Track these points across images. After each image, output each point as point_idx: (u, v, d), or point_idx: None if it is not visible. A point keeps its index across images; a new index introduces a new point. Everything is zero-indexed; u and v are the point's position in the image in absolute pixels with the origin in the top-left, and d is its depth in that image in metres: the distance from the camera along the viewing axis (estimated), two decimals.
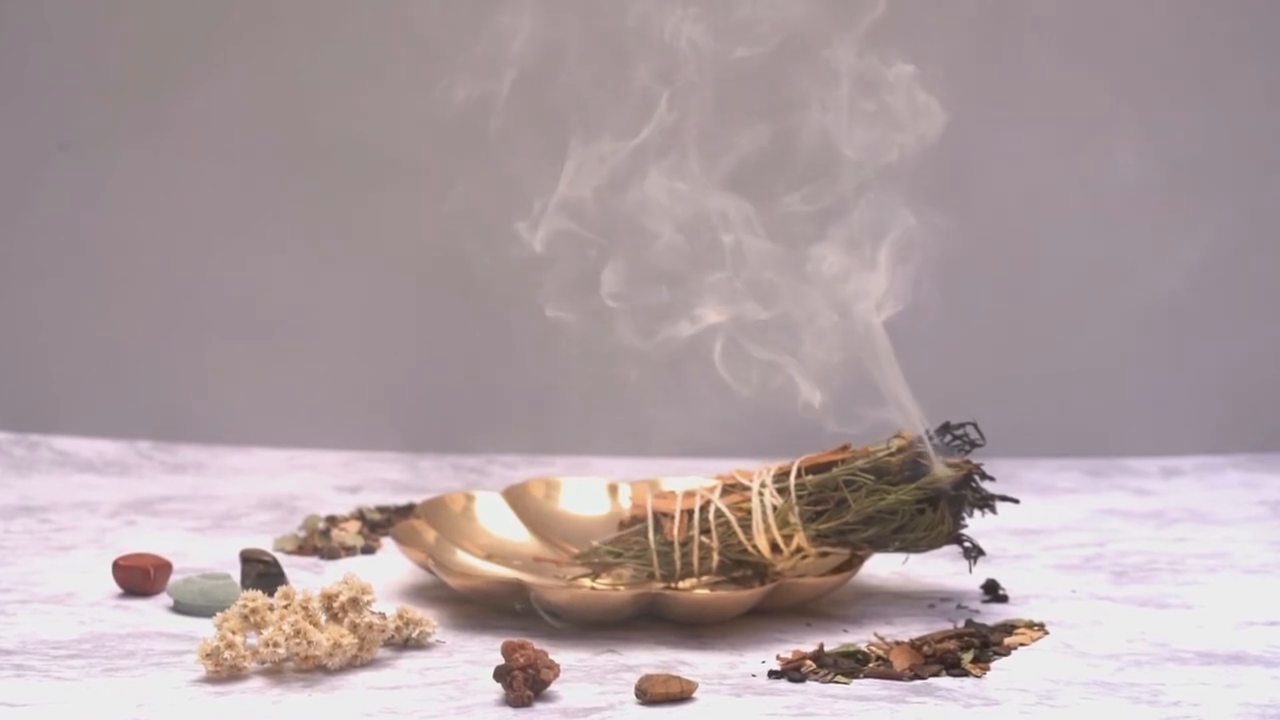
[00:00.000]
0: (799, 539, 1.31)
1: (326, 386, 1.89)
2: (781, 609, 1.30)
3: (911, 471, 1.31)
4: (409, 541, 1.35)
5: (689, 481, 1.44)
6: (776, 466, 1.34)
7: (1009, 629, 1.27)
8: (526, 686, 1.12)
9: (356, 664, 1.19)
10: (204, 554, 1.47)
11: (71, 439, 1.84)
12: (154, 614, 1.31)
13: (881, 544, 1.32)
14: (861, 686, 1.16)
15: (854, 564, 1.32)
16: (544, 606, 1.25)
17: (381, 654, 1.22)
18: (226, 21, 1.85)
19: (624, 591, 1.29)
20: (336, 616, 1.20)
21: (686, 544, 1.32)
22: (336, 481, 1.76)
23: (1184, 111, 1.86)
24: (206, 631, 1.21)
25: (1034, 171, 1.86)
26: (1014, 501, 1.35)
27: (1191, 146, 1.86)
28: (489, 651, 1.21)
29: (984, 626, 1.27)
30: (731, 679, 1.17)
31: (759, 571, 1.33)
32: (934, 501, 1.31)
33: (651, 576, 1.33)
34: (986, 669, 1.19)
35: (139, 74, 1.86)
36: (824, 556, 1.33)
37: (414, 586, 1.37)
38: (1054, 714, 1.10)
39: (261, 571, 1.35)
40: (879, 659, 1.20)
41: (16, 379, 1.88)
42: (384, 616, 1.21)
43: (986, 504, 1.32)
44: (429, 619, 1.25)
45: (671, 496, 1.35)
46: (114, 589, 1.36)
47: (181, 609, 1.31)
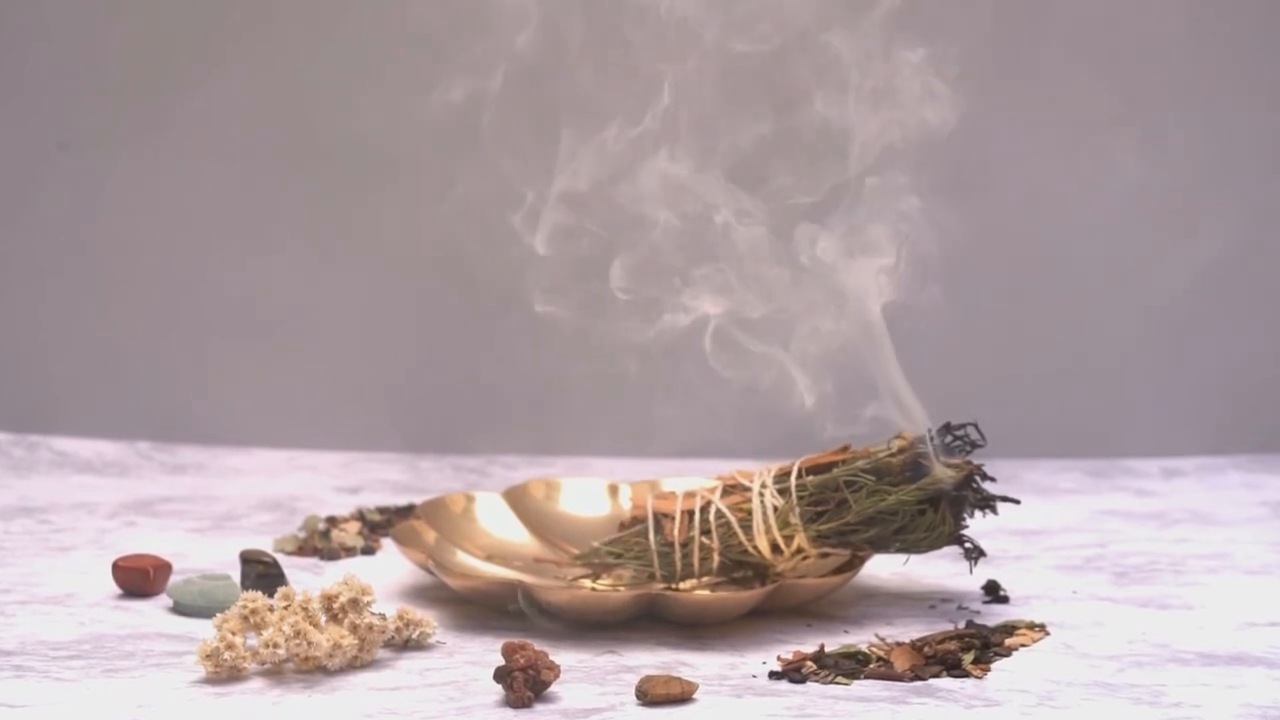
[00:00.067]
0: (799, 540, 1.31)
1: (326, 386, 1.89)
2: (782, 610, 1.30)
3: (912, 472, 1.31)
4: (409, 542, 1.35)
5: (689, 482, 1.44)
6: (777, 467, 1.34)
7: (1010, 630, 1.27)
8: (527, 687, 1.11)
9: (356, 665, 1.19)
10: (204, 555, 1.47)
11: (71, 439, 1.84)
12: (154, 615, 1.31)
13: (882, 545, 1.31)
14: (862, 687, 1.16)
15: (855, 565, 1.32)
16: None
17: (381, 655, 1.22)
18: (226, 21, 1.85)
19: (624, 592, 1.28)
20: (336, 617, 1.20)
21: (687, 545, 1.32)
22: (336, 482, 1.76)
23: (1185, 112, 1.86)
24: (206, 632, 1.21)
25: (1035, 172, 1.86)
26: (1015, 502, 1.35)
27: (1192, 147, 1.86)
28: (489, 652, 1.21)
29: (985, 627, 1.27)
30: (732, 680, 1.17)
31: (759, 572, 1.33)
32: (935, 502, 1.30)
33: (652, 577, 1.33)
34: (987, 670, 1.19)
35: (139, 74, 1.86)
36: (825, 557, 1.33)
37: (414, 587, 1.37)
38: (1055, 715, 1.10)
39: (261, 572, 1.35)
40: (880, 660, 1.19)
41: (16, 379, 1.88)
42: (384, 617, 1.21)
43: (987, 505, 1.32)
44: (429, 620, 1.25)
45: (672, 497, 1.35)
46: (114, 590, 1.36)
47: (181, 610, 1.31)
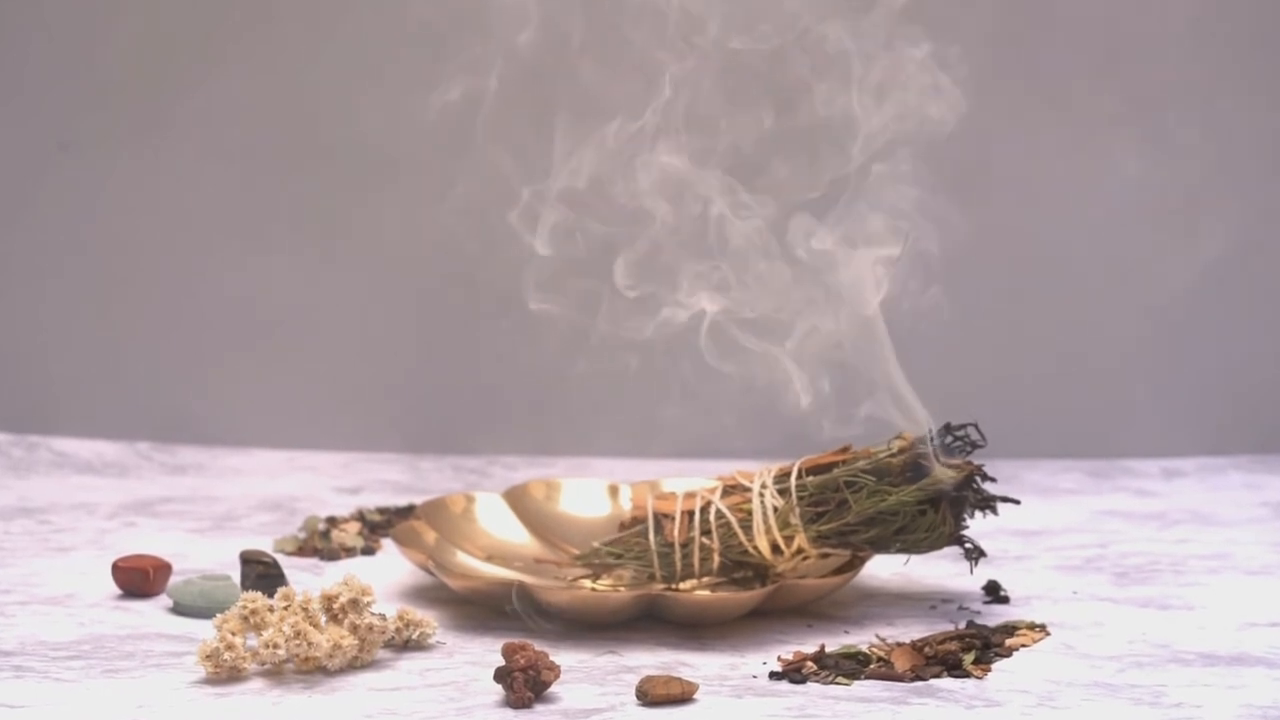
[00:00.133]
0: (800, 540, 1.31)
1: (326, 387, 1.89)
2: (782, 610, 1.30)
3: (913, 472, 1.30)
4: (409, 543, 1.35)
5: (690, 482, 1.44)
6: (777, 467, 1.34)
7: (1010, 630, 1.27)
8: (527, 688, 1.11)
9: (356, 665, 1.19)
10: (204, 555, 1.47)
11: (71, 440, 1.84)
12: (153, 615, 1.31)
13: (883, 545, 1.31)
14: (863, 688, 1.16)
15: (855, 565, 1.32)
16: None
17: (381, 655, 1.22)
18: (226, 21, 1.85)
19: (625, 593, 1.28)
20: (336, 618, 1.20)
21: (687, 545, 1.32)
22: (336, 482, 1.76)
23: (1185, 112, 1.86)
24: (206, 633, 1.21)
25: (1036, 172, 1.86)
26: (1015, 502, 1.35)
27: (1192, 147, 1.85)
28: (489, 653, 1.21)
29: (985, 628, 1.27)
30: (732, 680, 1.17)
31: (760, 573, 1.33)
32: (935, 502, 1.30)
33: (652, 578, 1.33)
34: (988, 670, 1.19)
35: (139, 74, 1.86)
36: (825, 558, 1.33)
37: (414, 588, 1.37)
38: (1055, 715, 1.10)
39: (261, 573, 1.35)
40: (880, 660, 1.19)
41: (16, 379, 1.88)
42: (384, 618, 1.21)
43: (988, 505, 1.32)
44: (429, 620, 1.24)
45: (672, 497, 1.35)
46: (113, 590, 1.36)
47: (181, 610, 1.31)
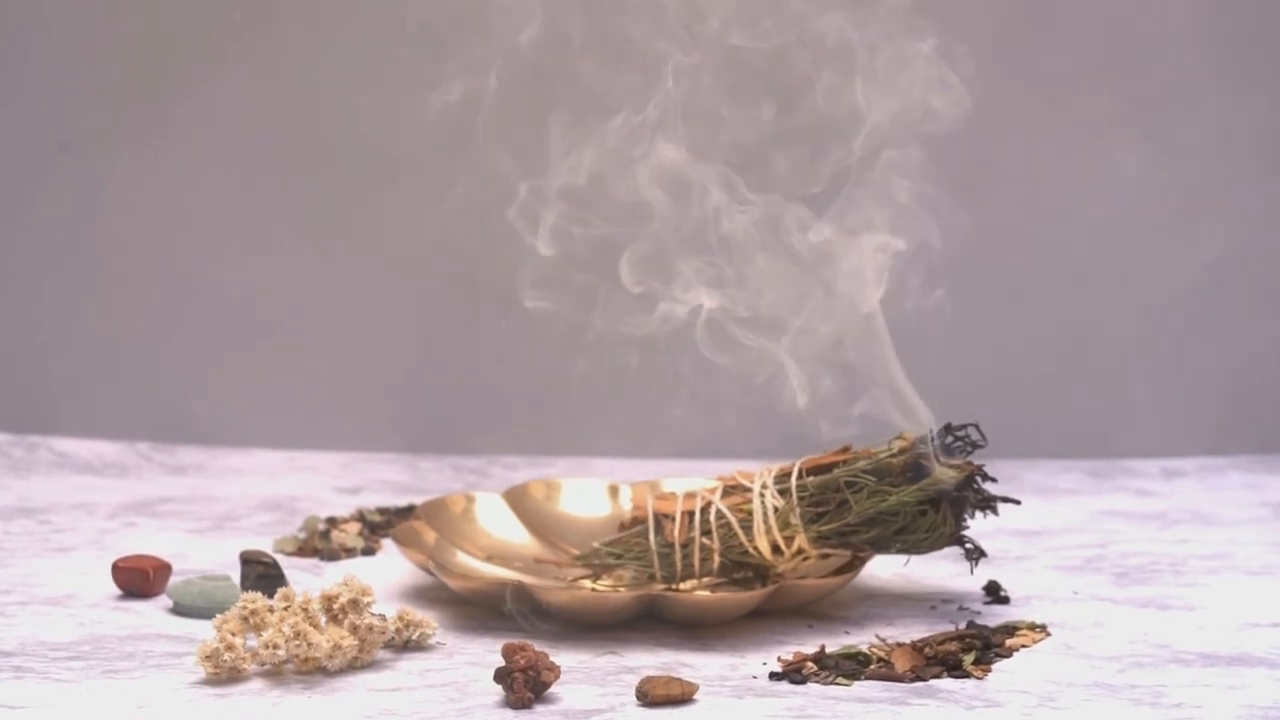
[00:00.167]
0: (800, 540, 1.31)
1: (326, 387, 1.89)
2: (783, 610, 1.30)
3: (913, 473, 1.30)
4: (409, 543, 1.35)
5: (690, 483, 1.44)
6: (777, 468, 1.34)
7: (1010, 630, 1.26)
8: (527, 688, 1.11)
9: (356, 666, 1.19)
10: (204, 555, 1.47)
11: (71, 440, 1.84)
12: (153, 616, 1.31)
13: (883, 545, 1.31)
14: (863, 688, 1.15)
15: (855, 565, 1.32)
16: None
17: (382, 656, 1.22)
18: (226, 21, 1.85)
19: (625, 593, 1.28)
20: (336, 618, 1.20)
21: (687, 545, 1.32)
22: (336, 483, 1.76)
23: (1185, 112, 1.86)
24: (206, 633, 1.21)
25: (1036, 172, 1.86)
26: (1015, 503, 1.35)
27: (1193, 147, 1.85)
28: (489, 653, 1.21)
29: (985, 628, 1.27)
30: (733, 681, 1.17)
31: (760, 573, 1.33)
32: (936, 503, 1.30)
33: (652, 578, 1.33)
34: (988, 671, 1.19)
35: (139, 74, 1.86)
36: (825, 558, 1.33)
37: (414, 588, 1.37)
38: (1056, 716, 1.10)
39: (261, 573, 1.35)
40: (880, 661, 1.19)
41: (16, 379, 1.88)
42: (384, 618, 1.21)
43: (988, 505, 1.32)
44: (429, 621, 1.24)
45: (672, 498, 1.35)
46: (113, 590, 1.36)
47: (181, 610, 1.31)
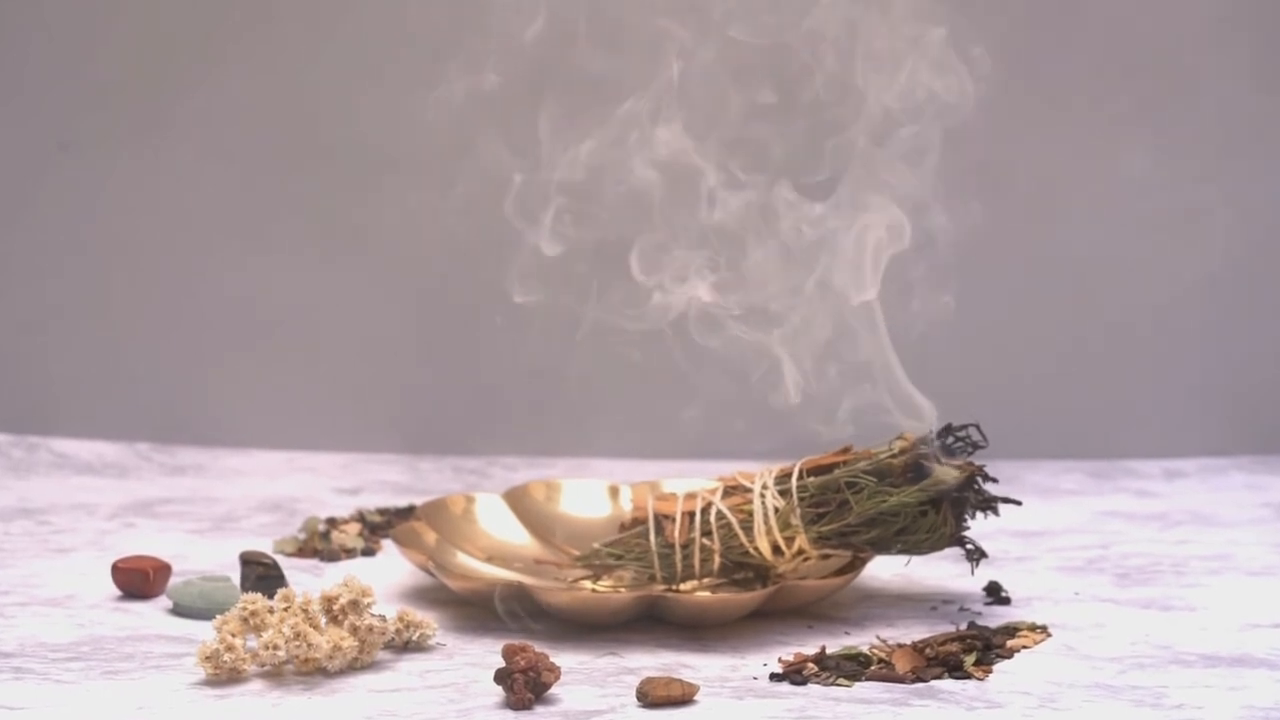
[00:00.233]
0: (800, 541, 1.31)
1: (326, 387, 1.88)
2: (783, 611, 1.29)
3: (914, 473, 1.30)
4: (409, 544, 1.35)
5: (690, 483, 1.44)
6: (778, 468, 1.34)
7: (1011, 631, 1.26)
8: (527, 689, 1.11)
9: (356, 666, 1.19)
10: (203, 556, 1.47)
11: (71, 441, 1.84)
12: (153, 616, 1.31)
13: (884, 546, 1.31)
14: (863, 689, 1.15)
15: (856, 566, 1.32)
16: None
17: (382, 656, 1.22)
18: (226, 21, 1.85)
19: (625, 594, 1.28)
20: (336, 619, 1.20)
21: (688, 546, 1.32)
22: (336, 483, 1.76)
23: (1186, 112, 1.86)
24: (206, 634, 1.21)
25: (1037, 172, 1.86)
26: (1016, 503, 1.35)
27: (1194, 147, 1.85)
28: (490, 654, 1.20)
29: (986, 629, 1.26)
30: (733, 681, 1.17)
31: (760, 574, 1.33)
32: (936, 503, 1.30)
33: (652, 579, 1.33)
34: (989, 671, 1.18)
35: (139, 74, 1.86)
36: (826, 559, 1.33)
37: (414, 589, 1.37)
38: (1057, 717, 1.10)
39: (261, 574, 1.35)
40: (881, 661, 1.19)
41: (16, 380, 1.88)
42: (384, 619, 1.21)
43: (989, 506, 1.32)
44: (429, 621, 1.24)
45: (672, 498, 1.35)
46: (113, 591, 1.36)
47: (181, 611, 1.31)
